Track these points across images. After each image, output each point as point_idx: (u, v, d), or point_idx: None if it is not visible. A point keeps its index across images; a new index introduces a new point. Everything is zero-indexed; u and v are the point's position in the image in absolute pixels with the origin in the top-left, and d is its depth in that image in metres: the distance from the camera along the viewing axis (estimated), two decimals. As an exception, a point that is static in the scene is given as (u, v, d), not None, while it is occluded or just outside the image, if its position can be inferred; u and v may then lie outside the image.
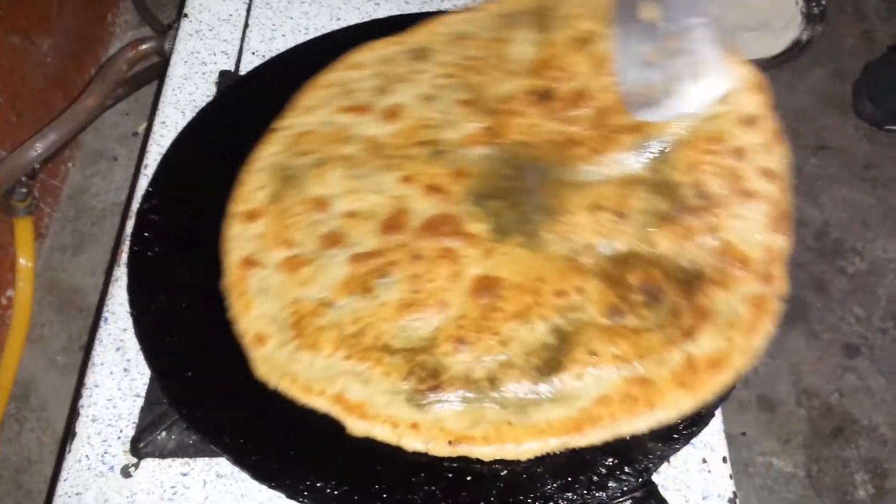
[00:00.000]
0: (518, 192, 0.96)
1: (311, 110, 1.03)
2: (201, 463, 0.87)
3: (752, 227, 0.89)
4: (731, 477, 0.91)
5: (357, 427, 0.80)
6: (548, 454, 0.80)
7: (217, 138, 1.06)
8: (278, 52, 1.19)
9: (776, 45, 1.88)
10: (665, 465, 0.89)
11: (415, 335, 0.86)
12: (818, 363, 1.44)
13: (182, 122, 1.16)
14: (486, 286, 0.88)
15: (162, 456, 0.89)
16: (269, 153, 1.00)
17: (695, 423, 0.84)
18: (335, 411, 0.81)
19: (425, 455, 0.81)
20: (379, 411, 0.80)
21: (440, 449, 0.79)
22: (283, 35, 1.26)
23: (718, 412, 0.92)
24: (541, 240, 0.92)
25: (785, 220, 0.89)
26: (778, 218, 0.89)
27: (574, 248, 0.91)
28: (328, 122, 1.02)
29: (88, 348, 0.97)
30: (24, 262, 1.39)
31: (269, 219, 0.94)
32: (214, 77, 1.21)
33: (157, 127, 1.16)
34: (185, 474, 0.88)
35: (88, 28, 1.71)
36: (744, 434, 1.37)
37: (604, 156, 0.96)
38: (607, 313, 0.86)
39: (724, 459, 0.91)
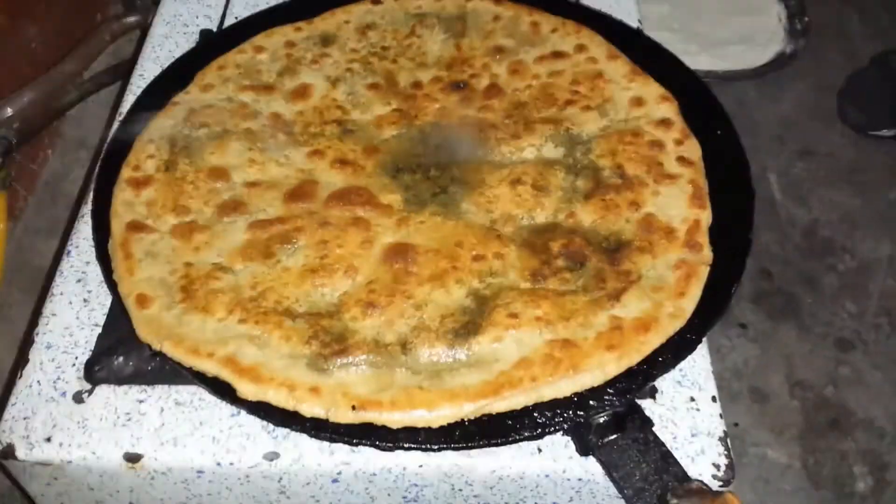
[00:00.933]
0: (433, 167, 0.93)
1: (212, 88, 1.00)
2: (159, 390, 0.79)
3: (673, 202, 0.88)
4: (720, 416, 0.86)
5: (248, 390, 0.71)
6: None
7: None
8: (262, 16, 1.19)
9: (760, 57, 1.88)
10: (651, 402, 0.84)
11: (321, 301, 0.80)
12: (811, 356, 1.37)
13: (160, 76, 1.14)
14: (400, 252, 0.83)
15: (118, 382, 0.82)
16: (164, 125, 0.95)
17: (680, 348, 0.80)
18: (224, 374, 0.72)
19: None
20: (274, 374, 0.72)
21: (342, 415, 0.70)
22: (268, 2, 1.25)
23: (705, 350, 0.88)
24: (459, 210, 0.88)
25: (704, 197, 0.88)
26: (698, 194, 0.88)
27: (493, 218, 0.87)
28: (230, 99, 0.99)
29: (48, 282, 0.93)
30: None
31: (159, 186, 0.88)
32: (195, 37, 1.20)
33: (134, 79, 1.11)
34: (141, 401, 0.81)
35: (77, 24, 1.68)
36: (736, 425, 1.29)
37: (521, 140, 0.95)
38: (529, 277, 0.81)
39: (714, 399, 0.85)
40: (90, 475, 0.79)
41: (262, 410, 0.73)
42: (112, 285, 0.83)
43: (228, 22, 1.22)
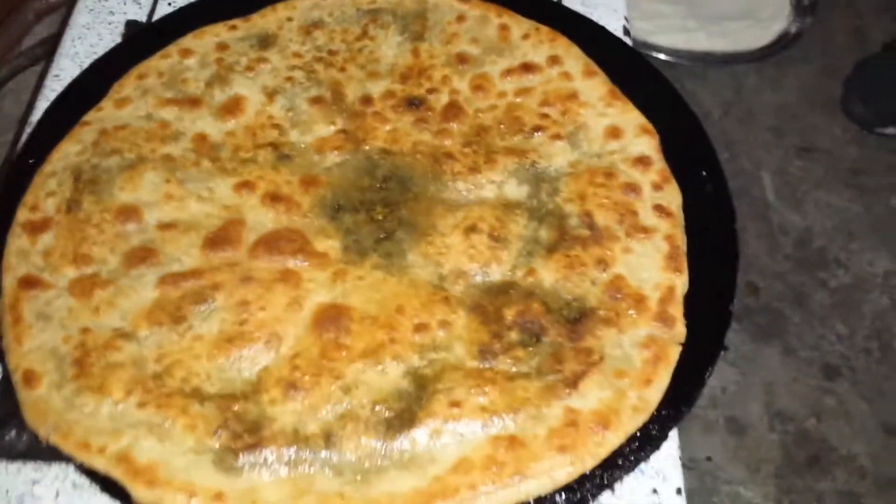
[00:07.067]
0: (379, 204, 0.85)
1: (129, 102, 0.91)
2: (56, 469, 0.74)
3: (646, 263, 0.81)
4: (685, 513, 0.80)
5: (143, 496, 0.65)
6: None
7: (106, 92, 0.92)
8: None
9: (763, 36, 1.76)
10: (608, 494, 0.77)
11: (237, 377, 0.73)
12: (794, 384, 1.32)
13: (79, 77, 1.04)
14: (332, 317, 0.75)
15: (10, 458, 0.76)
16: (69, 152, 0.86)
17: (643, 445, 0.72)
18: (118, 474, 0.66)
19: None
20: (173, 476, 0.66)
21: None
22: None
23: (674, 434, 0.81)
24: (404, 262, 0.81)
25: (681, 258, 0.81)
26: (674, 255, 0.81)
27: (443, 273, 0.80)
28: (149, 116, 0.90)
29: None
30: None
31: (59, 230, 0.81)
32: (121, 28, 1.09)
33: (49, 80, 1.02)
34: (35, 482, 0.75)
35: None
36: (709, 459, 1.25)
37: (481, 175, 0.87)
38: (477, 354, 0.74)
39: (679, 491, 0.80)
40: (-27, 569, 0.74)
41: (159, 518, 0.66)
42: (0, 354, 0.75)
43: (161, 10, 1.11)
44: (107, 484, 0.68)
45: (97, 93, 0.92)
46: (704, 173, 0.89)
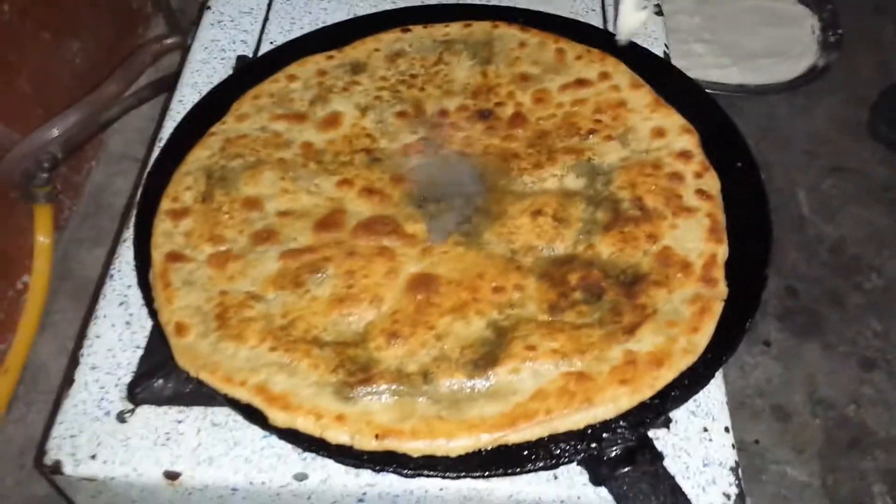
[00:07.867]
0: (457, 196, 0.97)
1: (247, 118, 1.04)
2: (196, 411, 0.85)
3: (690, 236, 0.90)
4: (733, 447, 0.88)
5: (279, 418, 0.76)
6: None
7: (226, 110, 1.06)
8: (296, 42, 1.23)
9: (792, 70, 1.88)
10: (665, 431, 0.87)
11: (347, 329, 0.84)
12: (834, 375, 1.38)
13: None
14: (423, 282, 0.86)
15: (158, 403, 0.86)
16: (201, 156, 1.00)
17: (692, 382, 0.80)
18: (257, 402, 0.77)
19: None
20: (303, 402, 0.77)
21: (366, 443, 0.75)
22: (301, 28, 1.27)
23: (720, 378, 0.91)
24: (481, 240, 0.92)
25: (721, 231, 0.90)
26: (715, 228, 0.90)
27: (514, 248, 0.91)
28: (264, 128, 1.03)
29: (93, 304, 0.98)
30: (43, 239, 1.37)
31: (197, 216, 0.93)
32: (232, 62, 1.25)
33: (174, 104, 1.16)
34: (179, 421, 0.86)
35: (119, 37, 1.73)
36: (757, 442, 1.31)
37: (543, 170, 0.98)
38: (547, 309, 0.84)
39: (727, 429, 0.88)
40: (132, 490, 0.84)
41: (291, 436, 0.77)
42: (152, 312, 0.87)
43: (264, 47, 1.26)
44: (248, 412, 0.78)
45: (215, 114, 1.06)
46: (739, 165, 1.00)
